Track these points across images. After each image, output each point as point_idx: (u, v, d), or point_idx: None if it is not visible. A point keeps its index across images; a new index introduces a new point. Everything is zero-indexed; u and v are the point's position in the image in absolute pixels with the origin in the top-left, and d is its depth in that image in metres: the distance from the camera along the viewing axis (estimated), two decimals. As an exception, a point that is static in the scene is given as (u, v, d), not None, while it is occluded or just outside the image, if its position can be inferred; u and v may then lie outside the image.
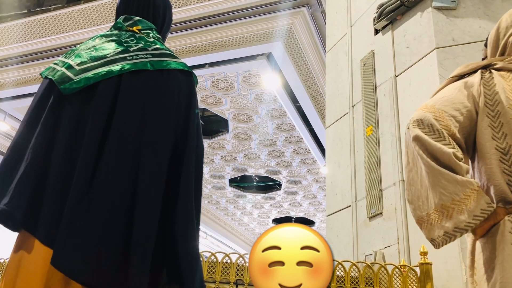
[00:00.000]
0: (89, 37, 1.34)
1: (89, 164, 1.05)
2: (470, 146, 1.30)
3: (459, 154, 1.22)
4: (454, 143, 1.23)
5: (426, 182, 1.23)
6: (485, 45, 1.48)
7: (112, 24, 1.38)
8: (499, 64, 1.30)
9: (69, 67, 1.18)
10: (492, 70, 1.30)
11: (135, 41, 1.27)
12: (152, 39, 1.31)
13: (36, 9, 6.53)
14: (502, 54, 1.36)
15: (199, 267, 1.11)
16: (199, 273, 1.11)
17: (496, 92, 1.24)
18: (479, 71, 1.32)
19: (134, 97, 1.15)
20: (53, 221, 1.02)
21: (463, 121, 1.26)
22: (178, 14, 5.88)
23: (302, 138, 8.69)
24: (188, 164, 1.15)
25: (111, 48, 1.23)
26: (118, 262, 1.00)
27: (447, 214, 1.17)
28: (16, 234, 1.09)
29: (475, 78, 1.31)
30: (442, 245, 1.19)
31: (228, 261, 2.00)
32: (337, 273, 1.94)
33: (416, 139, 1.25)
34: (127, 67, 1.17)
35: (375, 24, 3.13)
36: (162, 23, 1.44)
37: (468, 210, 1.15)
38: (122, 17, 1.36)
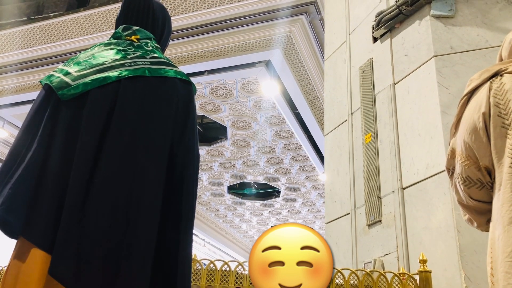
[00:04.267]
0: (88, 44, 1.36)
1: (85, 170, 1.05)
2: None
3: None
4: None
5: None
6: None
7: (112, 32, 1.39)
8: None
9: (67, 74, 1.19)
10: (505, 75, 1.22)
11: (133, 49, 1.27)
12: (151, 48, 1.31)
13: (36, 17, 6.55)
14: None
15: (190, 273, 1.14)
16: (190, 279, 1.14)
17: (509, 99, 1.17)
18: (488, 82, 1.24)
19: (132, 103, 1.16)
20: (49, 226, 1.02)
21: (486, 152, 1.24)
22: (177, 22, 5.91)
23: (301, 145, 8.70)
24: (189, 175, 1.16)
25: (109, 55, 1.24)
26: (117, 270, 1.00)
27: None
28: (9, 239, 1.08)
29: (483, 93, 1.24)
30: None
31: (227, 269, 1.99)
32: (336, 281, 1.93)
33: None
34: (124, 73, 1.18)
35: (373, 32, 3.14)
36: (161, 34, 1.45)
37: None
38: (121, 26, 1.37)
